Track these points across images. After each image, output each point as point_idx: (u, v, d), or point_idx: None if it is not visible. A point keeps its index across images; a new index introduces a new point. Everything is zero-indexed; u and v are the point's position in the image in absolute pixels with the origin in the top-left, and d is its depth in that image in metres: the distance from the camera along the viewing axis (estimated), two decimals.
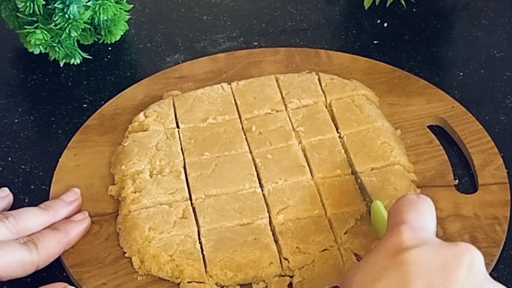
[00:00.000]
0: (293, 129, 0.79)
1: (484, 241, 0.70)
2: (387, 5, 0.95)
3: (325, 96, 0.82)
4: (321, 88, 0.83)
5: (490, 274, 0.69)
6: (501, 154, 0.77)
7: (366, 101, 0.82)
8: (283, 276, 0.68)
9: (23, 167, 0.81)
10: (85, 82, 0.90)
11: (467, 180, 0.77)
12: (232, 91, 0.83)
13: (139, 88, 0.87)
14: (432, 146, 0.79)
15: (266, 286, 0.68)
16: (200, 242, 0.69)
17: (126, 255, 0.70)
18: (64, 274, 0.72)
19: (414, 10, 0.97)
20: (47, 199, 0.76)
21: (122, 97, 0.86)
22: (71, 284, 0.69)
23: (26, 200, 0.78)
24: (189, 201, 0.73)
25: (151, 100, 0.85)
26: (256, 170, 0.75)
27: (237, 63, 0.89)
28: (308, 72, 0.86)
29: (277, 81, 0.84)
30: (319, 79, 0.84)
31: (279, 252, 0.69)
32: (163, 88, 0.87)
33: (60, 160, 0.79)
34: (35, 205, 0.76)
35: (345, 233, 0.70)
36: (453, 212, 0.73)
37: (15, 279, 0.71)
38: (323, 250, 0.69)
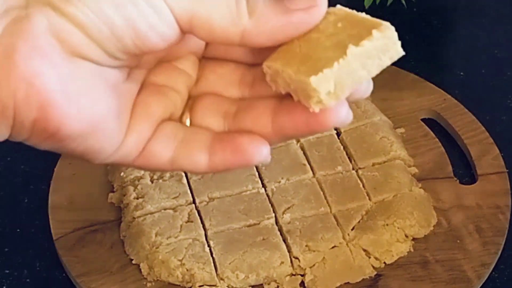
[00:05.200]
0: None
1: (489, 231, 0.71)
2: (388, 4, 0.95)
3: None
4: None
5: (491, 275, 0.69)
6: (502, 154, 0.78)
7: None
8: (294, 275, 0.68)
9: (22, 167, 0.80)
10: None
11: (464, 172, 0.78)
12: None
13: None
14: (428, 139, 0.80)
15: (278, 286, 0.68)
16: (208, 245, 0.69)
17: (134, 262, 0.69)
18: (64, 274, 0.71)
19: (415, 9, 0.97)
20: (47, 199, 0.75)
21: None
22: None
23: (26, 200, 0.77)
24: (193, 205, 0.72)
25: None
26: (257, 171, 0.75)
27: None
28: None
29: None
30: None
31: (289, 251, 0.69)
32: None
33: (55, 169, 0.78)
34: (35, 206, 0.76)
35: (352, 229, 0.70)
36: (455, 203, 0.73)
37: (14, 280, 0.71)
38: (333, 247, 0.69)
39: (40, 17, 0.43)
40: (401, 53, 0.46)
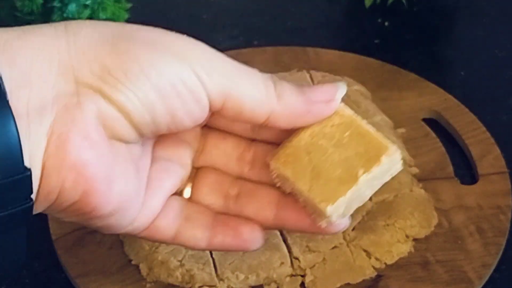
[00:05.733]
0: None
1: (490, 231, 0.71)
2: (388, 4, 0.95)
3: None
4: None
5: (492, 275, 0.69)
6: (503, 154, 0.77)
7: (361, 96, 0.82)
8: (294, 276, 0.68)
9: None
10: None
11: (464, 172, 0.77)
12: None
13: None
14: (429, 139, 0.79)
15: (278, 287, 0.67)
16: None
17: (133, 262, 0.69)
18: (63, 275, 0.70)
19: (415, 9, 0.97)
20: None
21: None
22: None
23: None
24: None
25: None
26: None
27: None
28: (298, 70, 0.85)
29: None
30: (310, 77, 0.84)
31: (289, 251, 0.68)
32: None
33: None
34: None
35: (352, 230, 0.70)
36: (456, 204, 0.73)
37: (13, 281, 0.70)
38: (333, 248, 0.68)
39: (91, 105, 0.44)
40: (400, 169, 0.49)
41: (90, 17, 0.87)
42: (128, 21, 0.92)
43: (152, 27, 0.47)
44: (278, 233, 0.69)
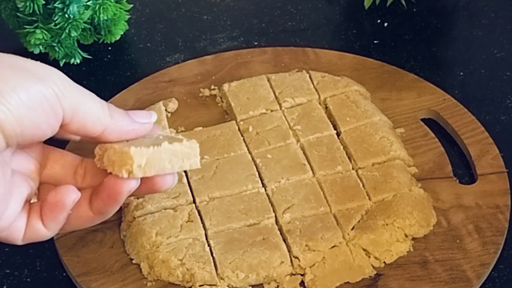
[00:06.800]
0: (290, 128, 0.79)
1: (488, 230, 0.71)
2: (388, 4, 0.96)
3: (318, 93, 0.82)
4: (314, 86, 0.83)
5: (490, 274, 0.70)
6: (501, 154, 0.78)
7: (361, 96, 0.82)
8: (294, 275, 0.68)
9: None
10: (85, 82, 0.87)
11: (463, 172, 0.78)
12: (225, 93, 0.83)
13: (129, 93, 0.86)
14: (428, 139, 0.80)
15: (278, 286, 0.68)
16: (208, 245, 0.69)
17: (134, 261, 0.70)
18: (64, 274, 0.71)
19: (415, 9, 0.97)
20: None
21: (112, 103, 0.85)
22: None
23: None
24: (194, 205, 0.72)
25: (142, 105, 0.84)
26: (257, 170, 0.75)
27: (225, 64, 0.89)
28: (298, 71, 0.86)
29: (268, 81, 0.84)
30: (310, 77, 0.84)
31: (289, 251, 0.69)
32: (154, 93, 0.86)
33: None
34: None
35: (352, 229, 0.70)
36: (455, 203, 0.73)
37: (14, 280, 0.71)
38: (333, 247, 0.69)
39: None
40: (198, 166, 0.59)
41: (91, 18, 0.88)
42: (129, 22, 0.93)
43: (13, 56, 0.56)
44: (278, 233, 0.70)
